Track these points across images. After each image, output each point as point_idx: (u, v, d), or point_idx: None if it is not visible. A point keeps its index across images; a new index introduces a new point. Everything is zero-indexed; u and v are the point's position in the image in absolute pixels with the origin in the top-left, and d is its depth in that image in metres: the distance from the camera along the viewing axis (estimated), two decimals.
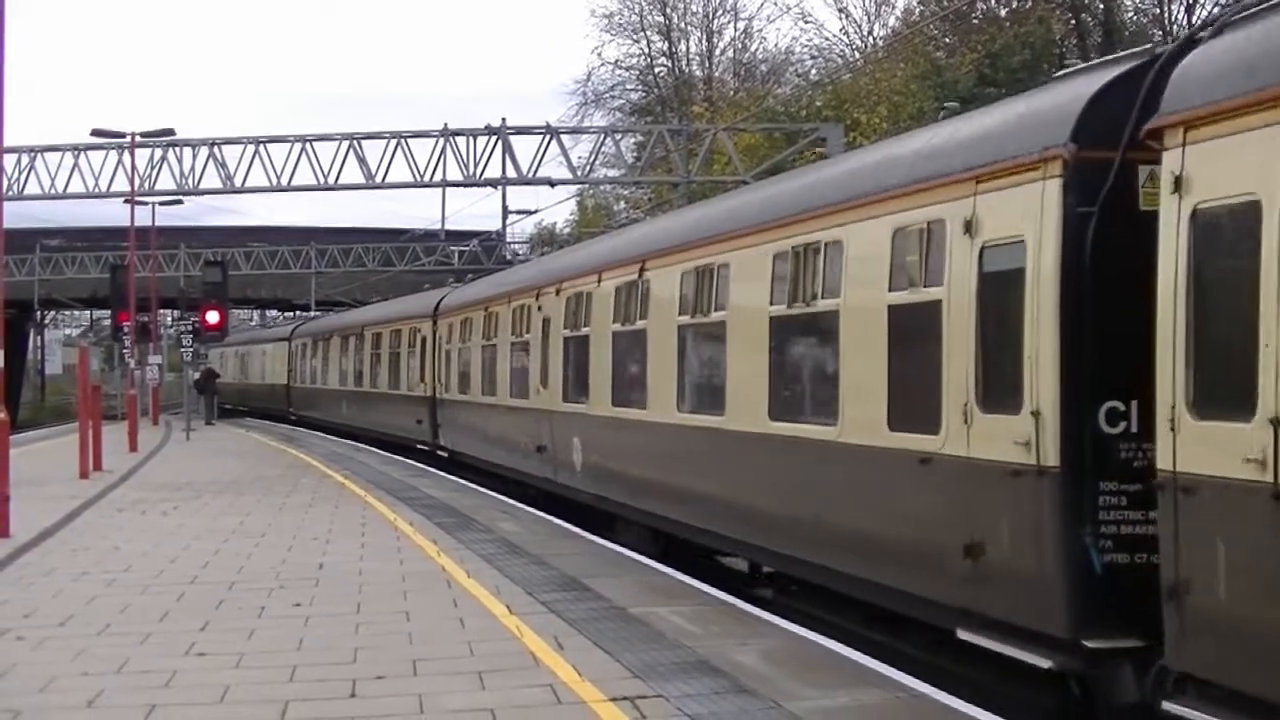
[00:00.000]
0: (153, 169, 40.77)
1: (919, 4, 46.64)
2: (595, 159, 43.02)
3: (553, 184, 38.76)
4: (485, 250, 54.56)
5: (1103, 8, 41.70)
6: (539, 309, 19.70)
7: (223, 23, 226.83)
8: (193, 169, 39.63)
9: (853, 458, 10.12)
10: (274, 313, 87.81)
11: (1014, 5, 42.00)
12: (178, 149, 39.85)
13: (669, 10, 61.54)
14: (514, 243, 62.25)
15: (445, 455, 27.47)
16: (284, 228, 74.93)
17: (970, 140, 9.18)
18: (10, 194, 35.51)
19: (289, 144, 38.92)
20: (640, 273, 15.13)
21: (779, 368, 11.84)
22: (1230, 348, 6.69)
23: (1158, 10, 41.90)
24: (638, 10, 61.32)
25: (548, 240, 66.32)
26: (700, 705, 7.89)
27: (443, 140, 37.77)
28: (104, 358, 75.53)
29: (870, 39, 51.23)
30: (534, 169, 37.80)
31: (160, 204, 45.67)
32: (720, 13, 61.72)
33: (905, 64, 41.69)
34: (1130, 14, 42.97)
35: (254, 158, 38.82)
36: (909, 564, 9.44)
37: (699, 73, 62.40)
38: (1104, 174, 7.77)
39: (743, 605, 11.24)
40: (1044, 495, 7.90)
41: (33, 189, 40.58)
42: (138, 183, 40.21)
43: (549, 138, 37.84)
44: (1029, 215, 8.11)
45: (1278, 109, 6.36)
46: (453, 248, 57.08)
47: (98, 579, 12.67)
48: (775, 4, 74.57)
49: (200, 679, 8.61)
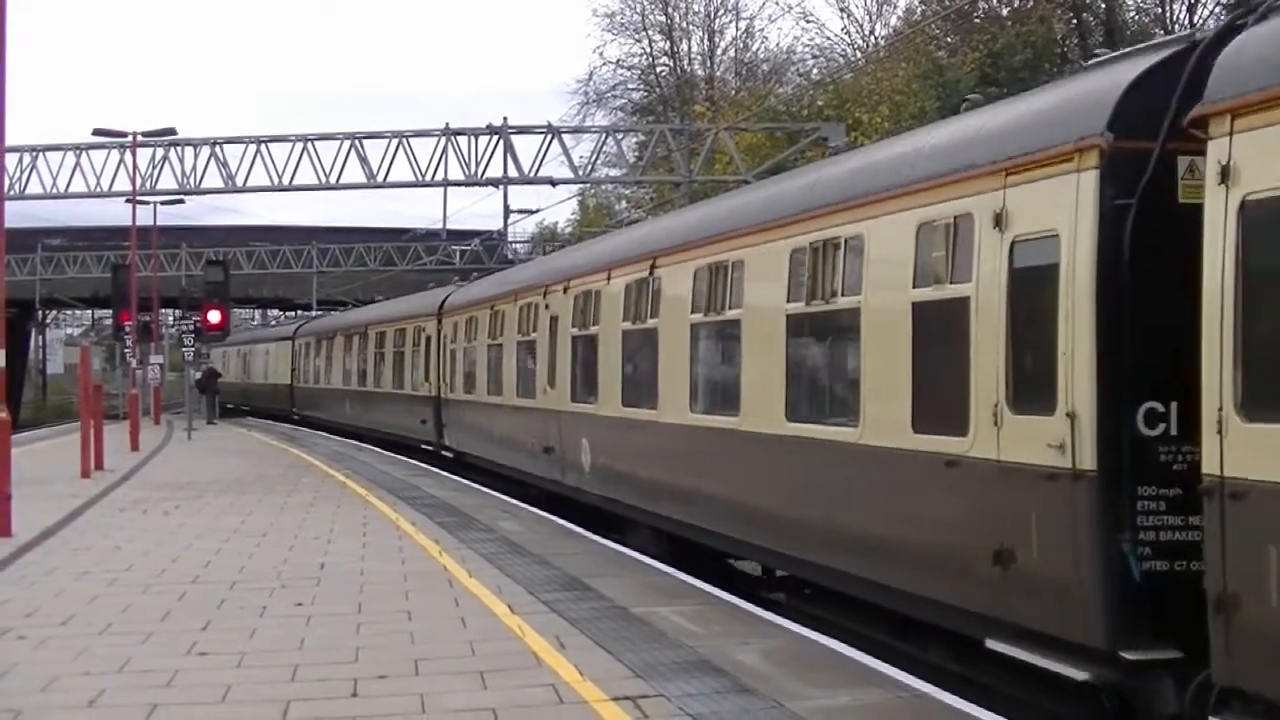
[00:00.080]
0: (154, 168, 40.92)
1: (920, 3, 46.64)
2: (597, 158, 43.13)
3: (554, 183, 38.81)
4: (487, 250, 54.56)
5: (1104, 7, 41.64)
6: (546, 307, 19.40)
7: (224, 22, 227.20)
8: (194, 168, 39.76)
9: (874, 460, 9.84)
10: (275, 312, 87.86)
11: (1015, 4, 41.94)
12: (179, 148, 39.97)
13: (671, 10, 61.65)
14: (515, 242, 62.31)
15: (450, 456, 27.25)
16: (285, 227, 74.96)
17: (999, 131, 8.85)
18: (12, 193, 35.50)
19: (290, 143, 38.99)
20: (651, 270, 14.87)
21: (796, 367, 11.54)
22: None
23: (1159, 10, 41.88)
24: (639, 10, 61.46)
25: (549, 240, 66.26)
26: (702, 705, 7.87)
27: (444, 140, 37.80)
28: (105, 357, 75.66)
29: (872, 38, 51.32)
30: (536, 168, 37.85)
31: (162, 203, 45.77)
32: (722, 12, 61.90)
33: (907, 63, 41.70)
34: (1132, 13, 42.94)
35: (255, 157, 38.94)
36: (934, 570, 9.14)
37: (701, 72, 62.45)
38: (1141, 165, 7.49)
39: (744, 605, 11.22)
40: (1079, 500, 7.63)
41: (34, 188, 40.70)
42: (139, 182, 40.30)
43: (550, 137, 37.87)
44: (1063, 208, 7.82)
45: None
46: (454, 247, 57.05)
47: (99, 578, 12.65)
48: (777, 3, 74.76)
49: (202, 678, 8.59)
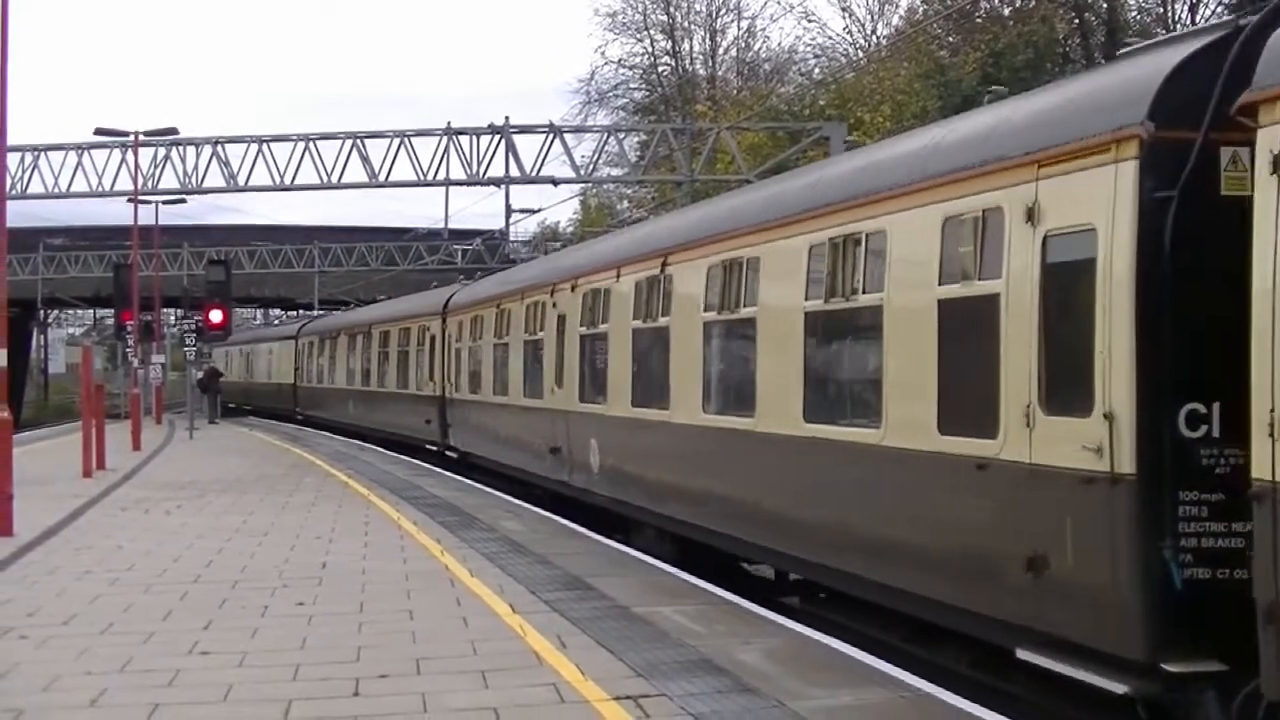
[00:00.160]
0: (156, 168, 40.98)
1: (922, 3, 46.66)
2: (598, 158, 43.12)
3: (556, 183, 38.79)
4: (489, 249, 54.59)
5: (1106, 7, 41.63)
6: (554, 306, 19.12)
7: (225, 22, 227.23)
8: (196, 168, 39.81)
9: (898, 462, 9.50)
10: (277, 312, 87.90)
11: (1017, 4, 41.93)
12: (181, 148, 40.00)
13: (672, 9, 61.63)
14: (517, 241, 62.25)
15: (455, 456, 27.03)
16: (287, 227, 75.10)
17: (1031, 121, 8.52)
18: (14, 193, 35.51)
19: (292, 143, 39.02)
20: (662, 267, 14.58)
21: (814, 367, 11.19)
22: None
23: (1161, 9, 41.86)
24: (641, 9, 61.43)
25: (551, 240, 66.27)
26: (703, 704, 7.87)
27: (446, 139, 37.81)
28: (107, 357, 75.63)
29: (873, 38, 51.34)
30: (537, 168, 37.88)
31: (163, 203, 45.82)
32: (724, 11, 61.87)
33: (909, 63, 41.72)
34: (1134, 13, 42.93)
35: (257, 157, 38.97)
36: (961, 577, 8.82)
37: (702, 71, 62.41)
38: (1183, 156, 7.18)
39: (746, 604, 11.19)
40: (1118, 505, 7.34)
41: (36, 188, 40.74)
42: (141, 182, 40.31)
43: (552, 137, 37.88)
44: (1100, 201, 7.51)
45: None
46: (456, 246, 57.05)
47: (101, 578, 12.65)
48: (779, 3, 75.12)
49: (203, 678, 8.59)
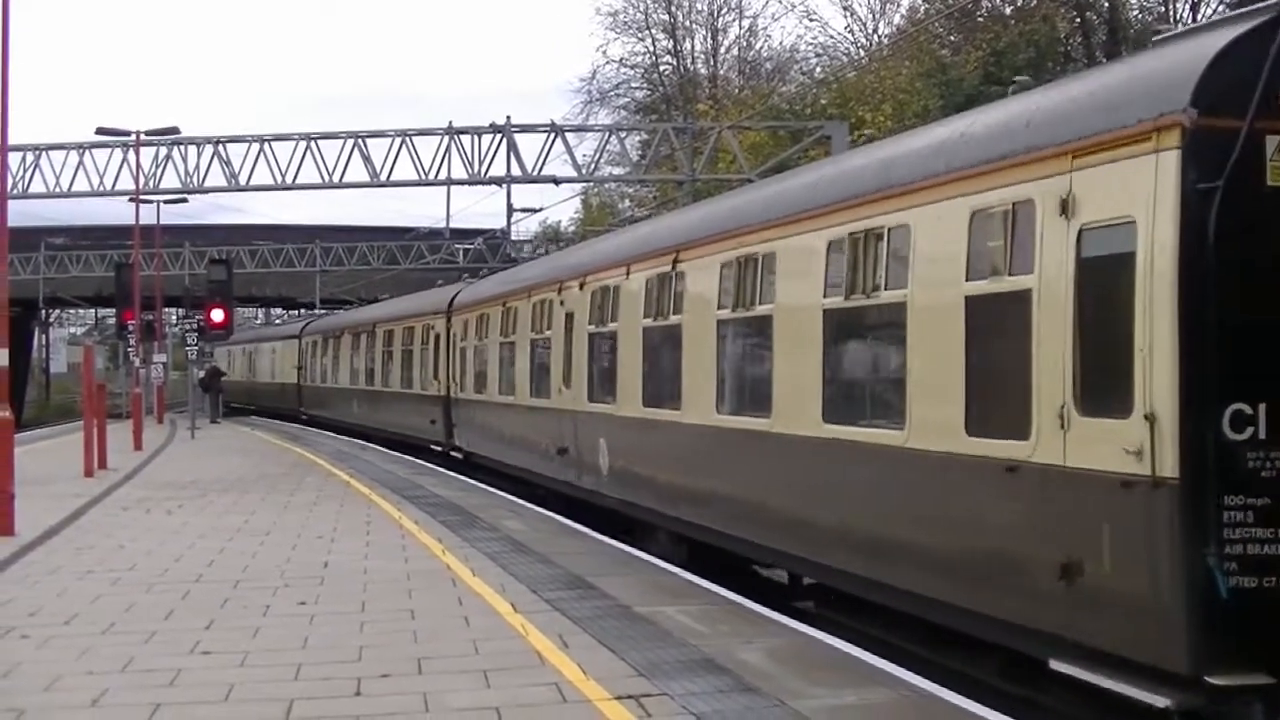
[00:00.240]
0: (157, 167, 40.99)
1: (924, 2, 46.65)
2: (600, 157, 43.12)
3: (557, 182, 38.79)
4: (490, 249, 54.59)
5: (1107, 5, 41.59)
6: (561, 304, 18.86)
7: (226, 22, 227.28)
8: (197, 167, 39.80)
9: (923, 465, 9.19)
10: (278, 311, 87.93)
11: (1019, 3, 41.91)
12: (182, 147, 40.00)
13: (674, 8, 61.59)
14: (519, 241, 62.26)
15: (460, 457, 26.83)
16: (289, 226, 75.13)
17: (1065, 110, 8.19)
18: (15, 192, 35.52)
19: (294, 142, 39.03)
20: (674, 264, 14.27)
21: (834, 366, 10.87)
22: None
23: (1163, 9, 41.83)
24: (642, 8, 61.42)
25: (553, 239, 66.30)
26: (705, 703, 7.86)
27: (447, 138, 37.81)
28: (109, 356, 75.75)
29: (875, 37, 51.34)
30: (539, 167, 37.88)
31: (165, 202, 45.88)
32: (725, 10, 61.78)
33: (910, 62, 41.71)
34: (1135, 11, 42.91)
35: (258, 156, 38.97)
36: (990, 584, 8.52)
37: (704, 71, 62.39)
38: (1227, 145, 6.95)
39: (749, 604, 11.18)
40: (1159, 510, 7.03)
41: (38, 187, 40.75)
42: (142, 181, 40.31)
43: (554, 136, 37.91)
44: (1139, 193, 7.22)
45: None
46: (457, 246, 57.08)
47: (102, 577, 12.65)
48: (780, 2, 74.98)
49: (205, 677, 8.59)
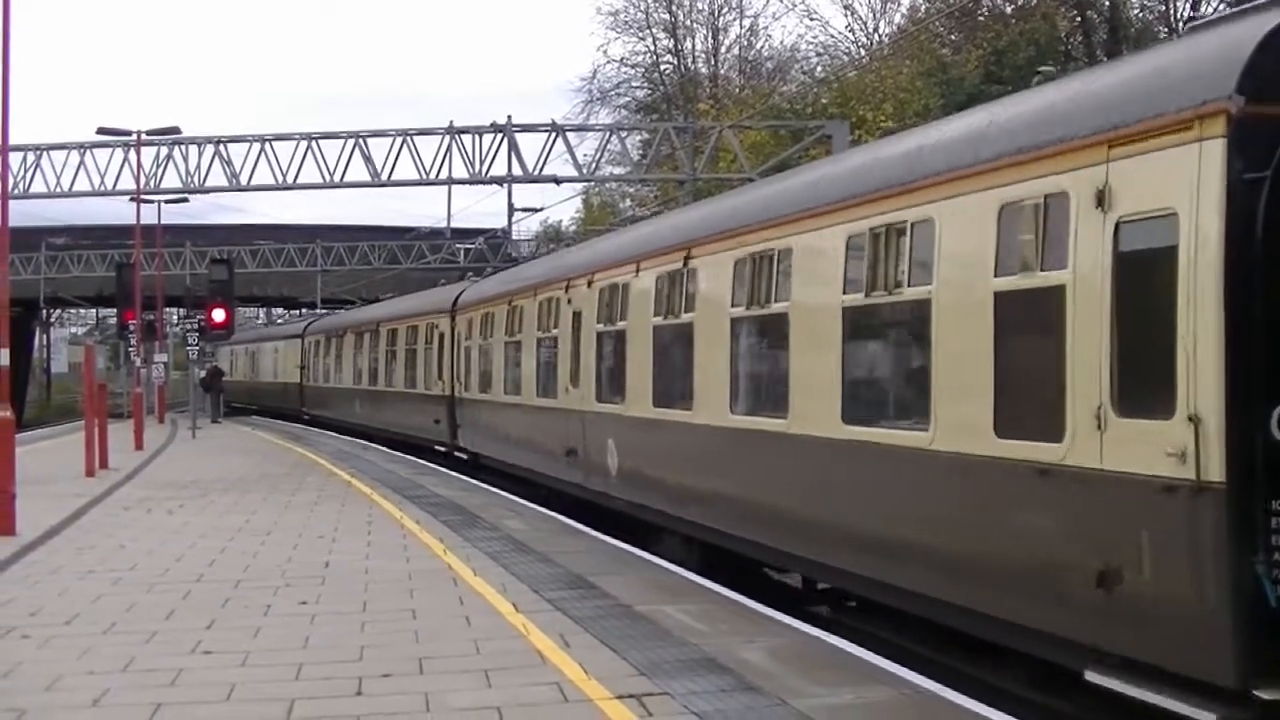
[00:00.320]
0: (158, 167, 40.96)
1: (924, 1, 46.67)
2: (601, 156, 43.17)
3: (558, 181, 38.78)
4: (491, 248, 54.61)
5: (1108, 4, 41.59)
6: (568, 302, 18.56)
7: (226, 22, 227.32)
8: (198, 167, 39.77)
9: (948, 467, 8.93)
10: (279, 311, 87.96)
11: (1019, 2, 41.94)
12: (183, 147, 39.97)
13: (674, 7, 61.60)
14: (520, 240, 62.31)
15: (465, 458, 26.63)
16: (290, 226, 75.15)
17: (1100, 99, 7.87)
18: (16, 192, 35.52)
19: (294, 142, 39.01)
20: (685, 261, 13.98)
21: (854, 365, 10.57)
22: None
23: (1163, 8, 41.84)
24: (643, 8, 61.43)
25: (554, 239, 66.32)
26: (706, 703, 7.86)
27: (448, 138, 37.81)
28: (110, 356, 75.76)
29: (876, 36, 51.38)
30: (540, 167, 37.87)
31: (166, 202, 45.91)
32: (726, 10, 61.80)
33: (911, 61, 41.75)
34: (1136, 10, 42.91)
35: (259, 156, 38.95)
36: (1021, 591, 8.23)
37: (704, 70, 62.41)
38: (1276, 133, 6.68)
39: (749, 603, 11.18)
40: (1203, 516, 6.73)
41: (38, 187, 40.73)
42: (143, 181, 40.32)
43: (554, 135, 37.91)
44: (1182, 184, 6.92)
45: None
46: (458, 245, 57.14)
47: (103, 577, 12.66)
48: (781, 1, 74.80)
49: (206, 677, 8.60)
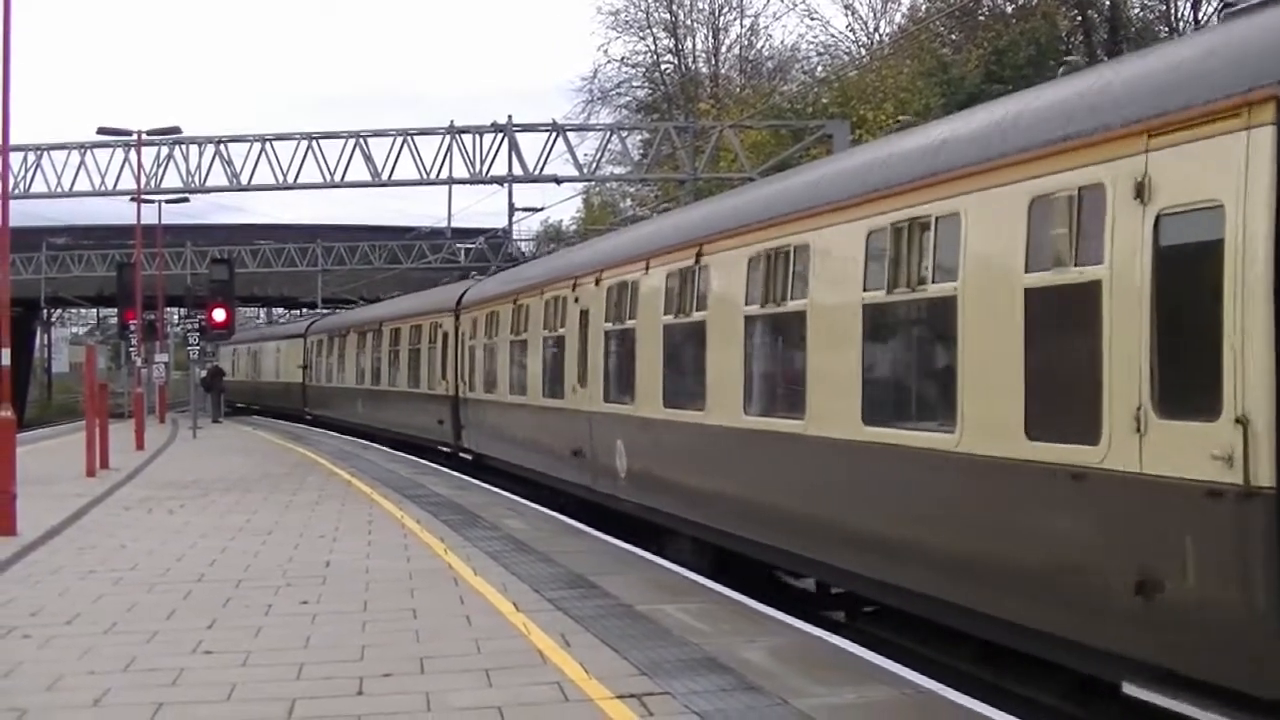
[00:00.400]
0: (159, 167, 40.93)
1: (925, 0, 46.66)
2: (601, 156, 43.15)
3: (559, 181, 38.76)
4: (492, 248, 54.61)
5: (1109, 4, 41.60)
6: (576, 300, 18.30)
7: (227, 22, 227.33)
8: (199, 167, 39.74)
9: (976, 470, 8.64)
10: (279, 311, 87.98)
11: (1020, 2, 41.94)
12: (184, 147, 39.93)
13: (675, 7, 61.63)
14: (520, 240, 62.35)
15: (469, 458, 26.47)
16: (290, 225, 75.15)
17: (1138, 86, 7.57)
18: (16, 192, 35.51)
19: (295, 142, 38.98)
20: (697, 258, 13.68)
21: (875, 365, 10.26)
22: None
23: (1164, 7, 41.86)
24: (644, 7, 61.45)
25: (555, 238, 66.33)
26: (707, 702, 7.86)
27: (449, 138, 37.79)
28: (111, 356, 75.73)
29: (876, 36, 51.40)
30: (540, 166, 37.84)
31: (166, 202, 45.91)
32: (726, 10, 61.82)
33: (911, 61, 41.76)
34: (1136, 10, 42.92)
35: (260, 155, 38.92)
36: (1053, 600, 7.93)
37: (705, 70, 62.42)
38: None
39: (750, 603, 11.18)
40: (1252, 522, 6.46)
41: (39, 187, 40.71)
42: (144, 181, 40.32)
43: (555, 135, 37.88)
44: (1228, 174, 6.64)
45: None
46: (459, 245, 57.13)
47: (104, 577, 12.66)
48: (781, 1, 74.89)
49: (207, 677, 8.60)
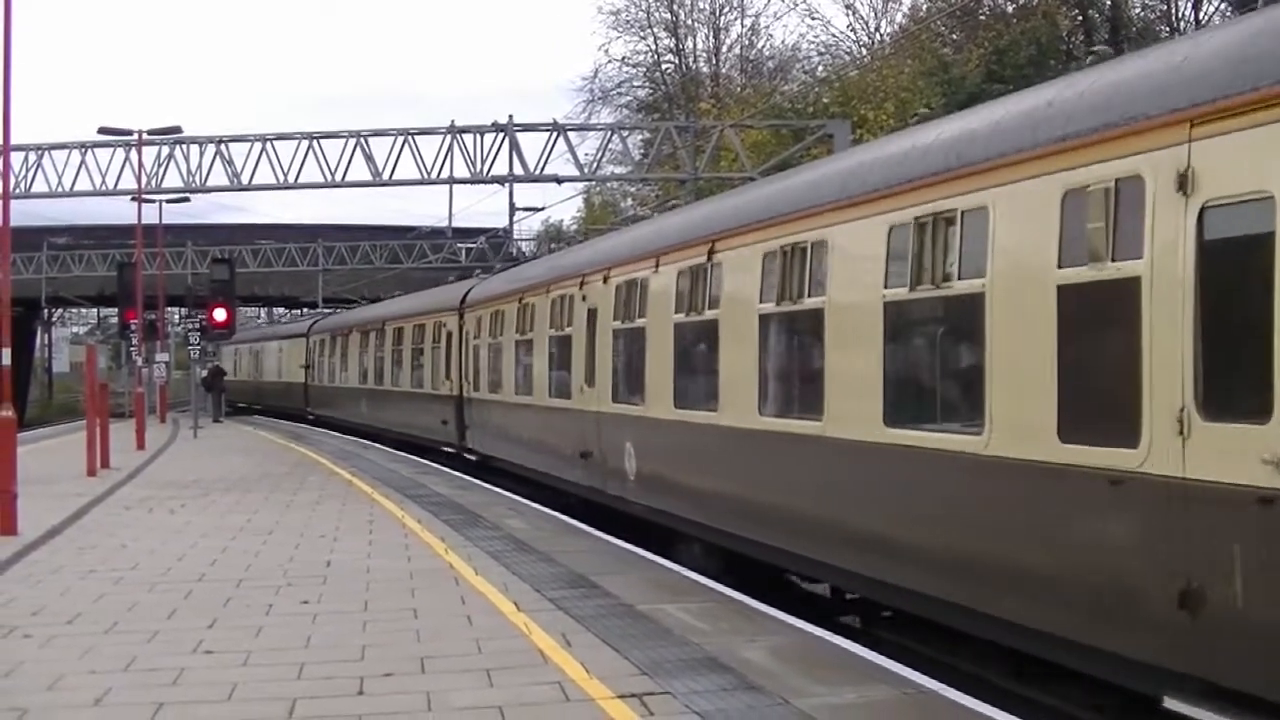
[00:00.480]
0: (160, 166, 40.92)
1: (926, 0, 46.65)
2: (602, 156, 43.11)
3: (560, 181, 38.74)
4: (493, 247, 54.62)
5: (1109, 3, 41.59)
6: (583, 299, 18.05)
7: (227, 22, 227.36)
8: (199, 166, 39.72)
9: (1005, 473, 8.36)
10: (280, 311, 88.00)
11: (1020, 1, 41.93)
12: (185, 146, 39.92)
13: (676, 7, 61.65)
14: (521, 240, 62.37)
15: (474, 459, 26.32)
16: (291, 225, 75.22)
17: (1178, 74, 7.30)
18: (17, 192, 35.51)
19: (296, 141, 38.97)
20: (709, 255, 13.44)
21: (897, 364, 9.99)
22: None
23: (1165, 7, 41.84)
24: (645, 7, 61.46)
25: (555, 237, 66.32)
26: (708, 702, 7.86)
27: (450, 137, 37.78)
28: (111, 355, 75.72)
29: (877, 35, 51.39)
30: (541, 166, 37.82)
31: (167, 201, 45.92)
32: (727, 9, 61.83)
33: (912, 60, 41.76)
34: (1137, 9, 42.90)
35: (261, 155, 38.91)
36: (1089, 611, 7.65)
37: (706, 69, 62.42)
38: None
39: (751, 602, 11.18)
40: None
41: (40, 187, 40.72)
42: (145, 180, 40.32)
43: (556, 135, 37.87)
44: (1277, 164, 6.38)
45: None
46: (459, 244, 57.14)
47: (105, 577, 12.66)
48: (782, 0, 74.88)
49: (208, 677, 8.60)
